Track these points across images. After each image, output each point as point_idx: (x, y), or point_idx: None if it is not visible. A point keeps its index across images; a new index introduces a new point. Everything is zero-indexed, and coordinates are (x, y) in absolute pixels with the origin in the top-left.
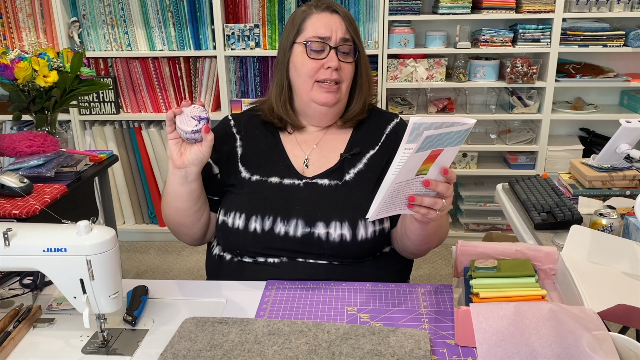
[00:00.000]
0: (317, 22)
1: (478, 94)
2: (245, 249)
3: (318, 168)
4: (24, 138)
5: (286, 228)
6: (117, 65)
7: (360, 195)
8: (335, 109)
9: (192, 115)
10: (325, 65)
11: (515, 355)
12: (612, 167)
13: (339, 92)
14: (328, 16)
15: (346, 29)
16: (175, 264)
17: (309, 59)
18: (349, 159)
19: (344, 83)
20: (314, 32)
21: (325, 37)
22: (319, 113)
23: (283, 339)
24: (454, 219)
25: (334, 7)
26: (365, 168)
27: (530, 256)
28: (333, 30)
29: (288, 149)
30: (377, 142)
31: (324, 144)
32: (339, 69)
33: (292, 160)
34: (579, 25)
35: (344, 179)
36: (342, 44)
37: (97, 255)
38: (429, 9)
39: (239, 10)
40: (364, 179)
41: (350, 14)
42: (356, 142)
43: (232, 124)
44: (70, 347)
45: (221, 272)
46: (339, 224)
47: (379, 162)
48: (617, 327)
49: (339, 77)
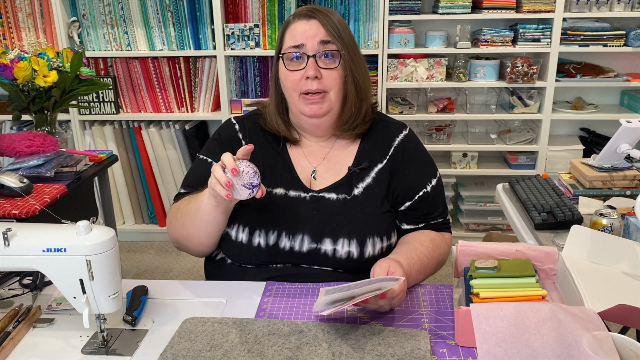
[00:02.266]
0: (293, 31)
1: (478, 93)
2: (249, 261)
3: (325, 181)
4: (24, 138)
5: (291, 243)
6: (116, 65)
7: (369, 211)
8: (329, 118)
9: (244, 184)
10: (305, 76)
11: (516, 356)
12: (613, 167)
13: (326, 102)
14: (304, 23)
15: (326, 32)
16: (175, 264)
17: (289, 71)
18: (357, 172)
19: (332, 91)
20: (290, 42)
21: (300, 45)
22: (311, 125)
23: (283, 339)
24: (454, 219)
25: (312, 13)
26: (374, 182)
27: (530, 256)
28: (309, 36)
29: (294, 160)
30: (385, 156)
31: (331, 156)
32: (321, 77)
33: (298, 172)
34: (579, 25)
35: (352, 194)
36: (321, 49)
37: (96, 256)
38: (429, 9)
39: (238, 10)
40: (372, 194)
41: (334, 16)
42: (364, 155)
43: (237, 128)
44: (70, 347)
45: (221, 274)
46: (347, 240)
47: (386, 176)
48: (617, 327)
49: (322, 86)
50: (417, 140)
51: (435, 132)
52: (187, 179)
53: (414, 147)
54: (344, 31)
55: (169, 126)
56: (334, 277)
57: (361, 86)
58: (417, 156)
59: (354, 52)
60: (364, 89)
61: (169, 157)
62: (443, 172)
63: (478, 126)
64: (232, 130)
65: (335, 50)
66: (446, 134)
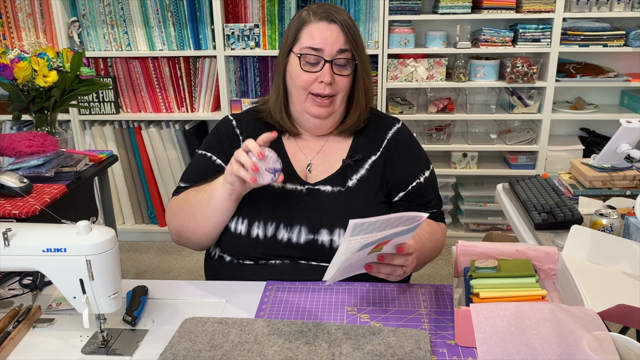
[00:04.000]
0: (313, 32)
1: (478, 93)
2: (247, 254)
3: (320, 174)
4: (24, 138)
5: (289, 235)
6: (116, 65)
7: (363, 201)
8: (330, 120)
9: (267, 168)
10: (319, 79)
11: (516, 356)
12: (613, 167)
13: (333, 105)
14: (325, 27)
15: (345, 39)
16: (175, 264)
17: (303, 71)
18: (351, 165)
19: (339, 95)
20: (309, 42)
21: (319, 50)
22: (312, 124)
23: (283, 339)
24: (454, 219)
25: (332, 16)
26: (368, 174)
27: (530, 256)
28: (329, 43)
29: (290, 153)
30: (379, 148)
31: (327, 150)
32: (333, 82)
33: (294, 165)
34: (579, 25)
35: (346, 185)
36: (338, 56)
37: (96, 256)
38: (429, 9)
39: (238, 10)
40: (366, 185)
41: (351, 22)
42: (358, 148)
43: (234, 124)
44: (70, 347)
45: (220, 273)
46: (343, 230)
47: (380, 168)
48: (617, 327)
49: (333, 90)
50: (410, 133)
51: (435, 132)
52: (186, 174)
53: (407, 139)
54: (359, 37)
55: (169, 126)
56: None
57: (369, 92)
58: (410, 148)
59: (365, 59)
60: (371, 94)
61: (169, 157)
62: (443, 172)
63: (478, 126)
64: (229, 125)
65: (351, 59)
66: (446, 134)
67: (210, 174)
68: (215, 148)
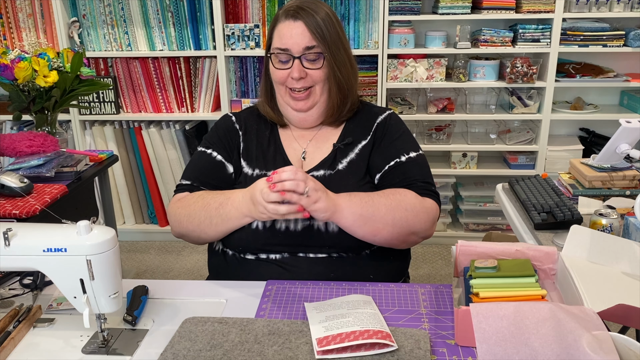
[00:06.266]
0: (281, 32)
1: (478, 94)
2: (247, 246)
3: (314, 161)
4: (24, 138)
5: (287, 223)
6: (117, 65)
7: (353, 182)
8: (315, 111)
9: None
10: (290, 75)
11: (515, 355)
12: (612, 167)
13: (312, 97)
14: (290, 25)
15: (310, 37)
16: (175, 264)
17: (276, 69)
18: (341, 148)
19: (317, 86)
20: (278, 43)
21: (286, 49)
22: (296, 117)
23: (283, 339)
24: (454, 219)
25: (297, 14)
26: (357, 157)
27: (530, 256)
28: (295, 42)
29: (285, 144)
30: (369, 132)
31: (319, 137)
32: (305, 76)
33: (289, 155)
34: (579, 25)
35: (336, 168)
36: (306, 52)
37: (97, 255)
38: (429, 9)
39: (239, 10)
40: (356, 168)
41: (319, 15)
42: (348, 133)
43: (233, 119)
44: (70, 347)
45: (224, 268)
46: None
47: (368, 150)
48: (617, 327)
49: (307, 83)
50: (400, 120)
51: (435, 132)
52: (187, 171)
53: (395, 123)
54: (329, 31)
55: (169, 126)
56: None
57: (344, 84)
58: (397, 131)
59: (337, 51)
60: (348, 85)
61: (169, 157)
62: (443, 172)
63: (478, 126)
64: (229, 122)
65: (319, 53)
66: (446, 134)
67: (211, 170)
68: (216, 144)
